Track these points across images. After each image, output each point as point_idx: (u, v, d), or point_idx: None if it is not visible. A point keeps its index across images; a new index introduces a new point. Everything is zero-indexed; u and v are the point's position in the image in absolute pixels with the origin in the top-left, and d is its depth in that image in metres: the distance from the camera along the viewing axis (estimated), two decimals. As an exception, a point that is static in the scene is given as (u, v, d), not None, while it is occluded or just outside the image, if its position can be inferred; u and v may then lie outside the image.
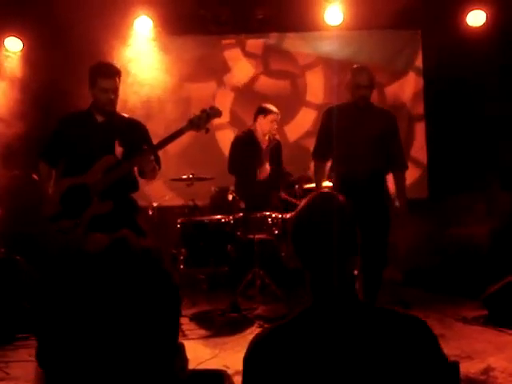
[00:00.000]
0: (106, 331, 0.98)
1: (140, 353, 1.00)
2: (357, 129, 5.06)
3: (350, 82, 5.13)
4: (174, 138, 4.35)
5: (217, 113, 4.44)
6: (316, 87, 7.89)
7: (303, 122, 7.88)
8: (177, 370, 1.10)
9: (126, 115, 4.61)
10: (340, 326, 1.62)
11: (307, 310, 1.69)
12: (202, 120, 4.34)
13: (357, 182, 4.93)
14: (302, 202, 1.78)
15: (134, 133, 4.49)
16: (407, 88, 7.82)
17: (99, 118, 4.45)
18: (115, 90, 4.40)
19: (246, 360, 1.67)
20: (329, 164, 5.36)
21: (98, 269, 1.00)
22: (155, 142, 4.49)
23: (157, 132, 6.56)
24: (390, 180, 5.30)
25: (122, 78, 4.51)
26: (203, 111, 4.36)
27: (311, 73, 7.90)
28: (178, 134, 4.35)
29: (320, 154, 5.30)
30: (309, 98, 7.91)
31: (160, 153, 4.51)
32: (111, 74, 4.38)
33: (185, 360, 1.15)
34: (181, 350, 1.13)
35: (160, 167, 4.54)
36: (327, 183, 5.74)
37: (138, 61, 7.62)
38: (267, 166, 6.10)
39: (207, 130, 4.40)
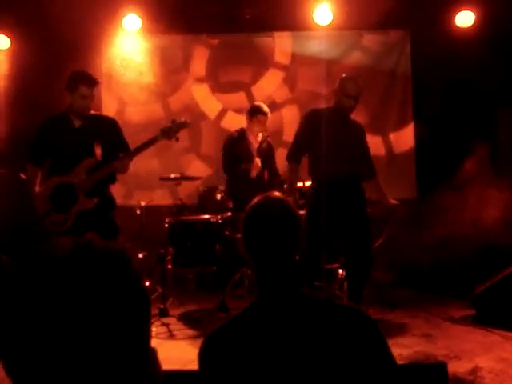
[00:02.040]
0: (73, 339, 0.95)
1: (109, 359, 0.97)
2: (340, 133, 5.14)
3: (338, 89, 5.17)
4: (147, 146, 4.85)
5: (185, 124, 4.98)
6: (303, 87, 7.87)
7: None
8: (149, 376, 1.07)
9: (97, 113, 5.12)
10: (282, 319, 1.72)
11: (254, 303, 1.82)
12: (173, 130, 4.87)
13: (339, 183, 5.03)
14: (254, 201, 1.92)
15: (109, 131, 4.94)
16: (396, 89, 7.82)
17: (76, 123, 4.86)
18: (93, 98, 4.88)
19: (200, 355, 1.76)
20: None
21: (61, 274, 0.98)
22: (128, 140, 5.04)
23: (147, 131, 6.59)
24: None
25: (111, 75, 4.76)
26: (173, 122, 4.92)
27: (299, 73, 7.88)
28: (152, 143, 4.86)
29: (296, 158, 5.31)
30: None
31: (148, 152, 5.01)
32: (93, 83, 4.81)
33: (158, 366, 1.12)
34: (153, 355, 1.10)
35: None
36: (307, 183, 5.78)
37: (125, 59, 7.60)
38: (258, 162, 6.07)
39: (177, 139, 4.92)
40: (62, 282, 0.96)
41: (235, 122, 7.33)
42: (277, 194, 1.98)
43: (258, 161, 6.07)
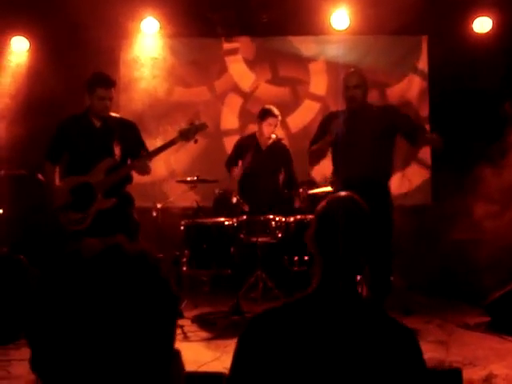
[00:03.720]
0: (100, 338, 0.97)
1: (134, 360, 0.99)
2: (352, 133, 5.01)
3: (342, 88, 5.17)
4: (166, 148, 4.98)
5: (204, 126, 5.07)
6: (320, 89, 7.87)
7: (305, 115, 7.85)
8: (172, 377, 1.09)
9: (118, 116, 5.17)
10: (336, 317, 1.72)
11: (309, 295, 1.80)
12: (191, 132, 4.95)
13: (353, 188, 4.82)
14: (329, 197, 1.95)
15: (128, 133, 5.04)
16: (412, 94, 7.80)
17: (96, 123, 4.98)
18: (111, 99, 4.94)
19: (241, 336, 1.76)
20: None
21: (92, 274, 0.99)
22: (147, 142, 5.21)
23: (165, 133, 6.65)
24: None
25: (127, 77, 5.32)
26: (191, 124, 5.01)
27: (316, 76, 7.88)
28: (170, 144, 4.97)
29: (311, 162, 5.48)
30: (312, 90, 7.88)
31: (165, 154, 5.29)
32: (109, 84, 4.90)
33: (181, 367, 1.14)
34: (177, 357, 1.12)
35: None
36: (328, 188, 5.80)
37: (144, 61, 7.64)
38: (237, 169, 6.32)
39: (195, 141, 5.03)
40: (91, 282, 0.98)
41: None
42: (348, 193, 1.98)
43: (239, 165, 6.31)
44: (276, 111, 6.36)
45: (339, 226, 1.82)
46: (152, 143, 5.45)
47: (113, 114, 5.08)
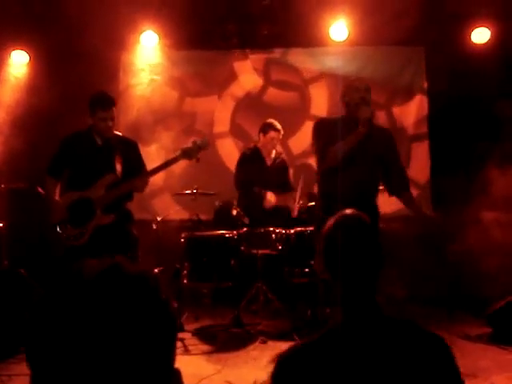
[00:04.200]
0: (99, 358, 0.97)
1: (133, 381, 0.99)
2: (360, 151, 4.62)
3: (345, 91, 4.85)
4: (167, 165, 5.00)
5: (206, 144, 5.03)
6: (320, 102, 7.89)
7: (307, 136, 7.86)
8: None
9: (120, 134, 5.22)
10: (369, 344, 1.67)
11: (336, 325, 1.76)
12: (194, 151, 4.93)
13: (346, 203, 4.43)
14: (331, 220, 1.91)
15: (129, 150, 5.13)
16: (411, 105, 7.82)
17: (99, 141, 5.04)
18: (113, 118, 4.98)
19: (274, 378, 1.68)
20: None
21: (92, 295, 0.99)
22: (146, 160, 5.29)
23: (164, 145, 6.68)
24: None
25: (127, 92, 5.19)
26: (194, 143, 4.95)
27: (315, 87, 7.90)
28: (172, 162, 4.99)
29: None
30: (313, 111, 7.90)
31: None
32: (108, 104, 4.94)
33: None
34: (177, 376, 1.11)
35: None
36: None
37: (143, 74, 7.66)
38: (271, 198, 6.18)
39: (198, 160, 4.97)
40: (91, 302, 0.98)
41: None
42: (353, 210, 1.94)
43: (270, 196, 6.16)
44: (278, 125, 6.36)
45: (348, 247, 1.79)
46: (146, 150, 5.48)
47: (116, 133, 5.15)
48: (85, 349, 0.96)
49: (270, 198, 6.24)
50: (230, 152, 7.70)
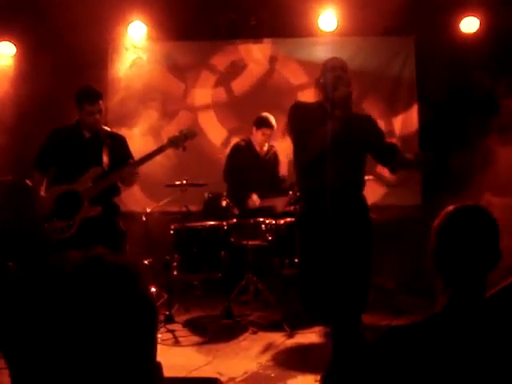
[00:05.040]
0: (79, 350, 0.95)
1: (114, 374, 0.98)
2: (342, 141, 4.08)
3: (320, 75, 4.28)
4: (154, 155, 4.98)
5: (193, 134, 5.09)
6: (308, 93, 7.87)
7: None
8: None
9: (108, 129, 5.26)
10: (474, 330, 1.62)
11: (439, 313, 1.70)
12: (180, 140, 4.98)
13: (332, 200, 4.03)
14: (445, 213, 1.80)
15: (117, 144, 5.13)
16: (400, 93, 7.81)
17: (86, 134, 5.06)
18: (100, 111, 5.01)
19: (375, 345, 1.66)
20: None
21: (72, 287, 0.98)
22: (134, 151, 5.24)
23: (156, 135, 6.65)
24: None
25: (115, 83, 5.33)
26: (181, 132, 5.03)
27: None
28: (159, 152, 5.00)
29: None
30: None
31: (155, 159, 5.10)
32: (95, 98, 4.96)
33: (161, 380, 1.12)
34: (158, 369, 1.10)
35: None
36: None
37: (131, 65, 7.62)
38: (255, 199, 6.15)
39: (184, 148, 5.01)
40: (71, 295, 0.97)
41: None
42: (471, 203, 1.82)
43: (256, 198, 6.14)
44: (273, 121, 6.33)
45: (466, 241, 1.70)
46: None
47: (104, 127, 5.17)
48: (63, 341, 0.95)
49: (255, 200, 6.20)
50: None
